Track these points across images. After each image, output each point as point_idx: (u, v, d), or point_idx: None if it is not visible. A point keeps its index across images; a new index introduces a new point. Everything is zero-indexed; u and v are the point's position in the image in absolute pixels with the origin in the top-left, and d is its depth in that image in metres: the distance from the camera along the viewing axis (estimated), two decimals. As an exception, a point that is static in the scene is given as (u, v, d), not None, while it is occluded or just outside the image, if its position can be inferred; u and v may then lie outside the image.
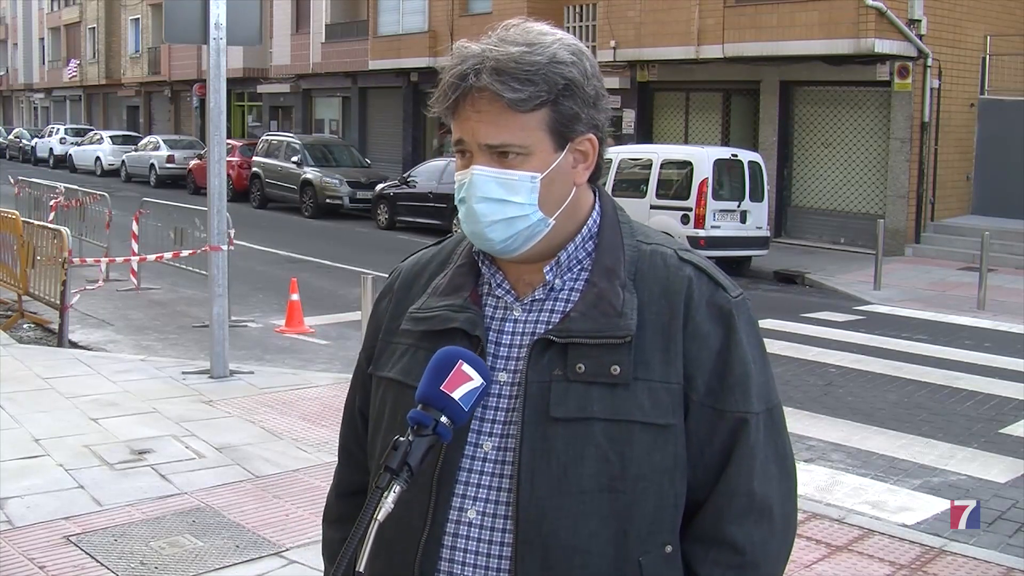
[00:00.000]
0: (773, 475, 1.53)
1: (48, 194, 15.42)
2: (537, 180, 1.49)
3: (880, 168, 18.15)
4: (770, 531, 1.52)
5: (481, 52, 1.46)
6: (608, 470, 1.45)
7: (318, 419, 6.80)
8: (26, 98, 62.76)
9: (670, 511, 1.49)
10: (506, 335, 1.54)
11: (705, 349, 1.50)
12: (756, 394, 1.52)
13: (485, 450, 1.50)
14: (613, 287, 1.50)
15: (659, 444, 1.47)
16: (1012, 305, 12.71)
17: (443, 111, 1.50)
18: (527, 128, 1.47)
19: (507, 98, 1.44)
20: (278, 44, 33.58)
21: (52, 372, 7.86)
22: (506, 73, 1.44)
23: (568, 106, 1.48)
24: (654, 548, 1.47)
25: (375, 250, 17.26)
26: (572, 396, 1.46)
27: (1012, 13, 19.56)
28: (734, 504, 1.50)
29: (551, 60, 1.46)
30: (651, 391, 1.47)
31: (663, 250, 1.57)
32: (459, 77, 1.46)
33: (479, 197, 1.49)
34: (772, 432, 1.54)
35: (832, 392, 8.32)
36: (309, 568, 4.43)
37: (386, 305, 1.68)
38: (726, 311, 1.52)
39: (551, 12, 22.80)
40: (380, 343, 1.66)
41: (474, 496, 1.49)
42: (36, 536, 4.70)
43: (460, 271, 1.60)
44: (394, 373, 1.59)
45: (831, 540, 4.97)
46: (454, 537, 1.49)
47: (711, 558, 1.50)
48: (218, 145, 7.86)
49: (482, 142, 1.48)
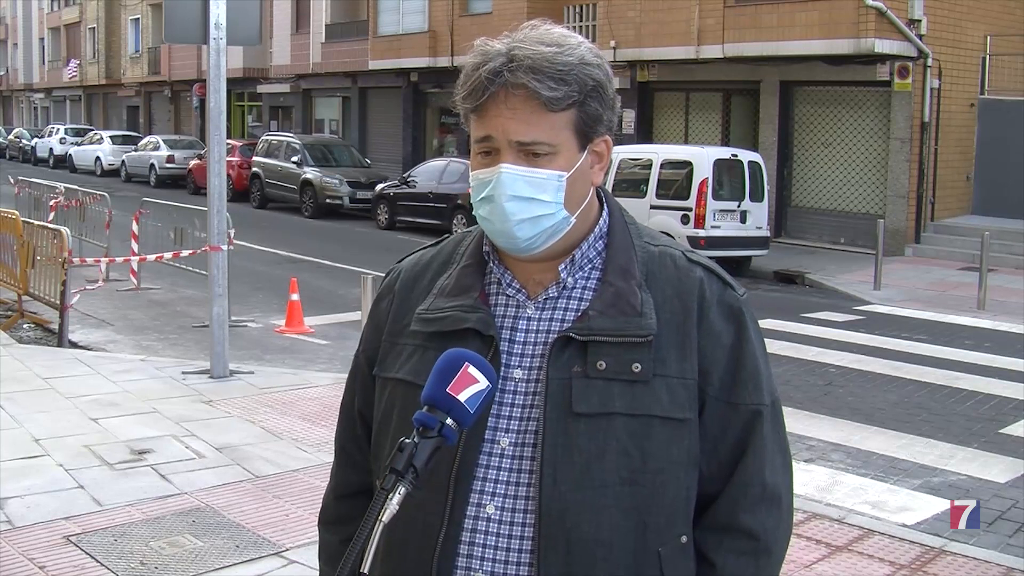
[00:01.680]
0: (779, 465, 1.60)
1: (48, 194, 15.43)
2: (564, 179, 1.52)
3: (880, 168, 18.15)
4: (779, 518, 1.59)
5: (510, 51, 1.48)
6: (629, 464, 1.49)
7: (318, 419, 6.80)
8: (26, 98, 62.77)
9: (684, 503, 1.54)
10: (520, 333, 1.56)
11: (719, 346, 1.55)
12: (765, 387, 1.59)
13: (502, 446, 1.52)
14: (630, 287, 1.54)
15: (676, 438, 1.51)
16: (1012, 305, 12.71)
17: (471, 108, 1.51)
18: (556, 127, 1.50)
19: (545, 96, 1.46)
20: (278, 44, 33.58)
21: (52, 372, 7.86)
22: (542, 72, 1.46)
23: (594, 107, 1.52)
24: (671, 539, 1.52)
25: (375, 250, 17.26)
26: (594, 392, 1.49)
27: (1012, 13, 19.56)
28: (749, 494, 1.56)
29: (581, 61, 1.50)
30: (669, 387, 1.51)
31: (672, 252, 1.61)
32: (493, 73, 1.47)
33: (508, 195, 1.50)
34: (776, 424, 1.61)
35: (832, 392, 8.32)
36: (309, 568, 4.43)
37: (387, 306, 1.68)
38: (736, 309, 1.59)
39: (551, 12, 22.76)
40: (384, 344, 1.66)
41: (492, 492, 1.51)
42: (36, 536, 4.70)
43: (466, 271, 1.61)
44: (403, 374, 1.60)
45: (831, 540, 4.97)
46: (472, 533, 1.50)
47: (726, 545, 1.55)
48: (218, 145, 7.87)
49: (513, 139, 1.49)
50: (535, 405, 1.50)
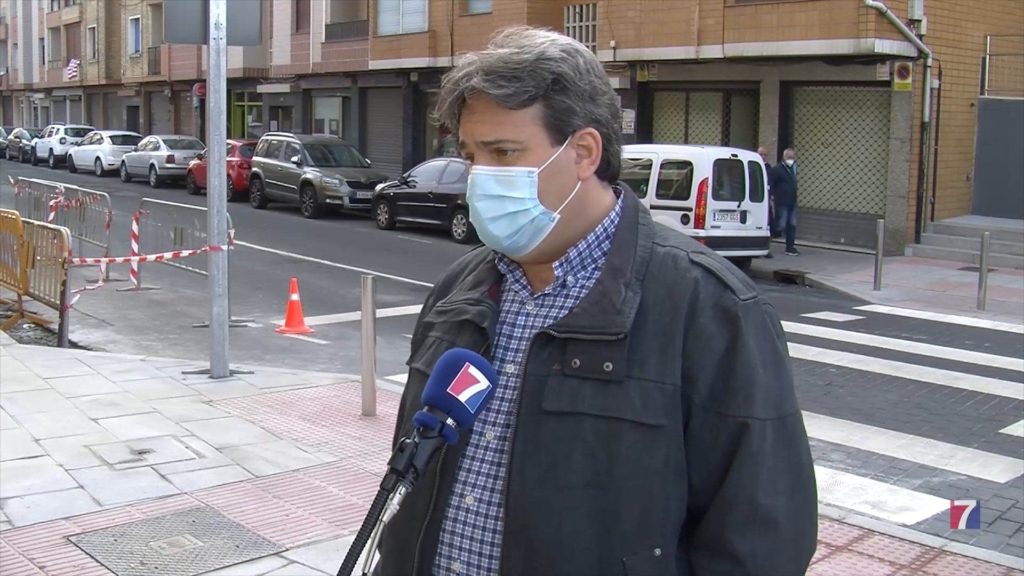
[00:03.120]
0: (782, 487, 1.47)
1: (48, 194, 15.43)
2: (535, 175, 1.51)
3: (880, 168, 18.15)
4: (777, 545, 1.46)
5: (474, 60, 1.52)
6: (595, 466, 1.45)
7: (318, 419, 6.80)
8: (26, 98, 62.76)
9: (660, 514, 1.46)
10: (518, 328, 1.57)
11: (708, 352, 1.47)
12: (762, 400, 1.48)
13: (488, 439, 1.53)
14: (616, 285, 1.51)
15: (649, 445, 1.45)
16: (1012, 305, 12.71)
17: (447, 120, 1.56)
18: (520, 124, 1.50)
19: (493, 95, 1.48)
20: (278, 44, 33.58)
21: (52, 372, 7.86)
22: (493, 72, 1.49)
23: (560, 100, 1.51)
24: (641, 550, 1.45)
25: (375, 250, 17.27)
26: (566, 391, 1.47)
27: (1012, 13, 19.56)
28: (735, 512, 1.46)
29: (539, 57, 1.50)
30: (643, 391, 1.46)
31: (676, 252, 1.56)
32: (454, 83, 1.52)
33: (479, 195, 1.53)
34: (784, 441, 1.49)
35: (832, 392, 8.32)
36: (309, 568, 4.42)
37: (431, 303, 1.74)
38: (732, 313, 1.49)
39: (551, 12, 22.84)
40: (418, 337, 1.72)
41: (473, 483, 1.52)
42: (36, 536, 4.70)
43: (485, 267, 1.65)
44: (421, 364, 1.64)
45: (831, 540, 4.97)
46: (453, 522, 1.52)
47: (713, 568, 1.47)
48: (218, 145, 7.86)
49: (478, 140, 1.52)
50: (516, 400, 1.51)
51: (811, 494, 1.52)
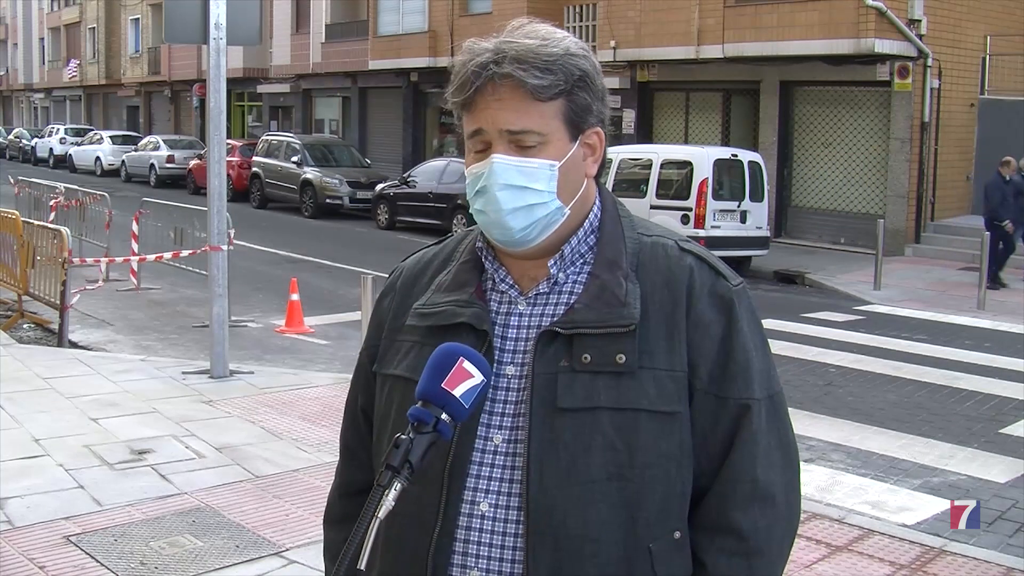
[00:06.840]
0: (776, 462, 1.54)
1: (48, 194, 15.44)
2: (556, 168, 1.52)
3: (880, 168, 18.15)
4: (774, 518, 1.53)
5: (496, 46, 1.50)
6: (616, 459, 1.47)
7: (318, 419, 6.80)
8: (26, 98, 62.76)
9: (677, 498, 1.50)
10: (512, 329, 1.56)
11: (708, 337, 1.52)
12: (758, 381, 1.54)
13: (495, 443, 1.51)
14: (616, 278, 1.53)
15: (665, 432, 1.48)
16: (1012, 305, 12.72)
17: (461, 102, 1.53)
18: (545, 116, 1.50)
19: (531, 84, 1.48)
20: (278, 44, 33.57)
21: (52, 372, 7.86)
22: (527, 62, 1.48)
23: (582, 97, 1.52)
24: (663, 534, 1.49)
25: (375, 250, 17.26)
26: (579, 386, 1.48)
27: (1012, 13, 19.56)
28: (738, 491, 1.51)
29: (566, 52, 1.51)
30: (656, 379, 1.49)
31: (664, 241, 1.59)
32: (480, 67, 1.49)
33: (501, 184, 1.51)
34: (774, 419, 1.56)
35: (832, 392, 8.32)
36: (309, 568, 4.43)
37: (388, 303, 1.70)
38: (727, 299, 1.54)
39: (551, 12, 22.80)
40: (384, 341, 1.67)
41: (486, 489, 1.50)
42: (36, 536, 4.70)
43: (464, 267, 1.62)
44: (401, 370, 1.60)
45: (831, 540, 4.97)
46: (467, 530, 1.50)
47: (716, 545, 1.51)
48: (218, 145, 7.86)
49: (503, 128, 1.50)
50: (525, 401, 1.50)
51: (797, 466, 1.60)
